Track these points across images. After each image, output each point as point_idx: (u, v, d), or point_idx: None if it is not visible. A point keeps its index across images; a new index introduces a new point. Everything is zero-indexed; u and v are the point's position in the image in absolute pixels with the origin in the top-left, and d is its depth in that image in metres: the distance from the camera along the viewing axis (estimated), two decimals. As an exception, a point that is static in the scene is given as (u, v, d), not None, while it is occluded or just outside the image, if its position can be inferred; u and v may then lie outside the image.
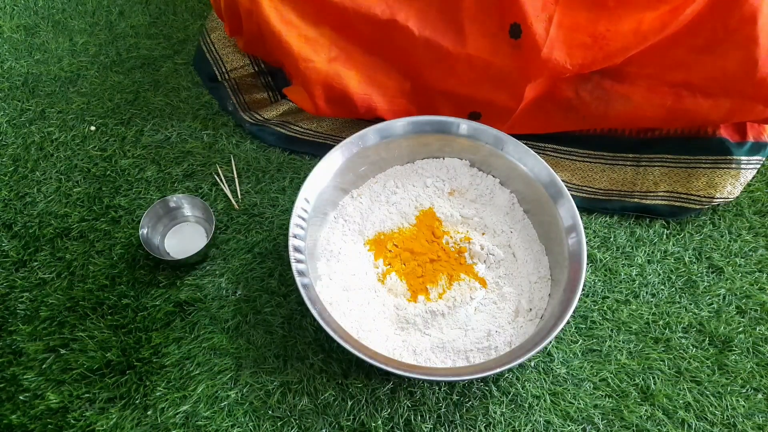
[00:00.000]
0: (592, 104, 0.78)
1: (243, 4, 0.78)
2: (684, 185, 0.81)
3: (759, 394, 0.69)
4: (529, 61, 0.72)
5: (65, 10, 1.05)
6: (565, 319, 0.62)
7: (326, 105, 0.81)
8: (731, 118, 0.77)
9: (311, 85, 0.79)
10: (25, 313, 0.73)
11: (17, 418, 0.66)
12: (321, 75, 0.78)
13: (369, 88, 0.80)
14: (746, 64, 0.69)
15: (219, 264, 0.77)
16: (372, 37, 0.77)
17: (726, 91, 0.73)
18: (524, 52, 0.72)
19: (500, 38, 0.73)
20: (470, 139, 0.76)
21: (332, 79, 0.78)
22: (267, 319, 0.73)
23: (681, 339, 0.73)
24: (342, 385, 0.69)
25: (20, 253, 0.78)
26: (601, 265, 0.78)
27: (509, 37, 0.72)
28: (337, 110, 0.83)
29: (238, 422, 0.66)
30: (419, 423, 0.66)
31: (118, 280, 0.76)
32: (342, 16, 0.75)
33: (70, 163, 0.86)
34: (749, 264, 0.79)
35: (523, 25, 0.70)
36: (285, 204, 0.82)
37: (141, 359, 0.70)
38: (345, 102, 0.80)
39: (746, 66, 0.69)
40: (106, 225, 0.80)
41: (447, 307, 0.72)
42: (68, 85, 0.95)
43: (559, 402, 0.68)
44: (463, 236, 0.77)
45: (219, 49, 0.94)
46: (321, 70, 0.78)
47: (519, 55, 0.73)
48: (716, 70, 0.71)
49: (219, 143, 0.89)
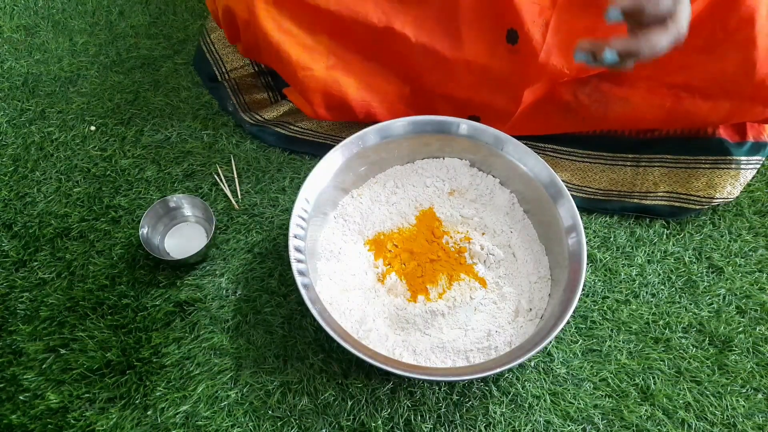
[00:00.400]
0: (591, 107, 0.78)
1: (240, 16, 0.78)
2: (684, 185, 0.81)
3: (759, 394, 0.69)
4: (527, 65, 0.72)
5: (65, 10, 1.05)
6: (565, 319, 0.62)
7: (326, 111, 0.82)
8: (731, 119, 0.77)
9: (310, 92, 0.80)
10: (25, 313, 0.73)
11: (17, 418, 0.66)
12: (320, 83, 0.78)
13: (368, 94, 0.80)
14: (745, 65, 0.69)
15: (219, 264, 0.77)
16: (369, 44, 0.77)
17: (725, 92, 0.73)
18: (522, 57, 0.72)
19: (497, 43, 0.73)
20: (470, 139, 0.76)
21: (331, 86, 0.78)
22: (267, 319, 0.73)
23: (681, 339, 0.73)
24: (342, 385, 0.69)
25: (20, 253, 0.78)
26: (601, 265, 0.78)
27: (506, 43, 0.72)
28: (337, 116, 0.83)
29: (238, 422, 0.66)
30: (419, 423, 0.66)
31: (118, 280, 0.76)
32: (339, 24, 0.75)
33: (70, 163, 0.86)
34: (749, 264, 0.79)
35: (519, 31, 0.70)
36: (285, 204, 0.82)
37: (141, 359, 0.70)
38: (344, 108, 0.81)
39: (745, 67, 0.69)
40: (106, 225, 0.80)
41: (447, 307, 0.72)
42: (68, 85, 0.95)
43: (559, 402, 0.68)
44: (463, 236, 0.77)
45: (219, 49, 0.94)
46: (319, 78, 0.78)
47: (516, 59, 0.73)
48: (715, 71, 0.71)
49: (219, 143, 0.89)
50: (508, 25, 0.71)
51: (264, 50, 0.79)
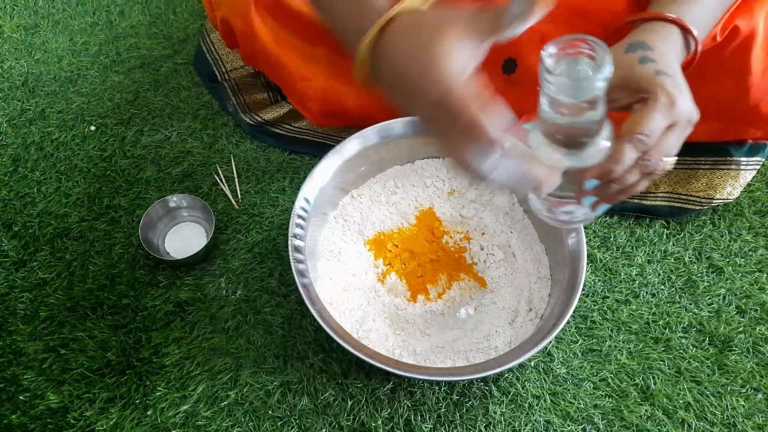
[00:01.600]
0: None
1: (237, 27, 0.78)
2: (684, 186, 0.81)
3: (759, 394, 0.69)
4: (524, 95, 0.72)
5: (65, 10, 1.05)
6: (565, 319, 0.62)
7: (324, 119, 0.82)
8: (721, 137, 0.78)
9: (310, 102, 0.80)
10: (25, 313, 0.73)
11: (17, 418, 0.66)
12: (318, 92, 0.78)
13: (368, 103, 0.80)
14: (739, 90, 0.69)
15: (219, 264, 0.77)
16: None
17: (718, 114, 0.73)
18: (518, 86, 0.71)
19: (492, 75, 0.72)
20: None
21: (330, 96, 0.79)
22: (267, 319, 0.73)
23: (681, 339, 0.73)
24: (342, 385, 0.69)
25: (20, 253, 0.78)
26: (601, 265, 0.78)
27: (502, 73, 0.72)
28: (337, 123, 0.84)
29: (238, 422, 0.66)
30: (419, 423, 0.66)
31: (118, 280, 0.76)
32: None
33: (69, 163, 0.86)
34: (749, 264, 0.79)
35: (518, 60, 0.69)
36: (285, 204, 0.82)
37: (141, 359, 0.70)
38: (344, 116, 0.81)
39: (738, 93, 0.69)
40: (105, 225, 0.80)
41: (447, 307, 0.72)
42: (68, 85, 0.95)
43: (559, 402, 0.68)
44: (463, 236, 0.77)
45: (219, 49, 0.94)
46: (318, 87, 0.78)
47: (512, 90, 0.72)
48: (709, 96, 0.71)
49: (219, 143, 0.89)
50: (506, 55, 0.70)
51: (262, 60, 0.79)
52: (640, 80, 0.50)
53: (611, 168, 0.47)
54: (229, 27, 0.80)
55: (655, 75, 0.50)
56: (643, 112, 0.49)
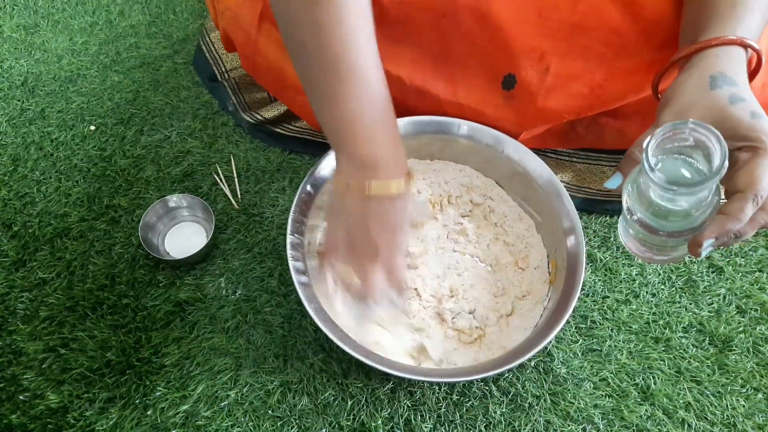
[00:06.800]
0: (587, 137, 0.80)
1: (237, 40, 0.78)
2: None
3: (759, 394, 0.69)
4: (523, 110, 0.71)
5: (65, 10, 1.05)
6: (565, 319, 0.62)
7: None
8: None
9: (309, 117, 0.81)
10: (25, 313, 0.73)
11: (17, 418, 0.66)
12: None
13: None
14: None
15: (219, 264, 0.77)
16: None
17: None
18: (518, 102, 0.71)
19: (492, 90, 0.71)
20: (470, 140, 0.76)
21: None
22: (267, 319, 0.73)
23: (681, 339, 0.73)
24: (342, 385, 0.69)
25: (20, 253, 0.78)
26: (601, 265, 0.78)
27: (501, 89, 0.71)
28: None
29: (238, 422, 0.66)
30: (419, 423, 0.66)
31: (117, 280, 0.76)
32: None
33: (69, 163, 0.86)
34: (749, 264, 0.79)
35: (518, 76, 0.69)
36: (285, 204, 0.82)
37: (141, 359, 0.70)
38: None
39: None
40: (105, 225, 0.80)
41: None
42: (68, 85, 0.95)
43: (559, 402, 0.68)
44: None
45: (219, 48, 0.94)
46: None
47: (512, 106, 0.72)
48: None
49: (219, 143, 0.89)
50: (506, 70, 0.70)
51: (263, 72, 0.79)
52: (738, 127, 0.47)
53: (732, 228, 0.46)
54: (229, 39, 0.80)
55: (752, 119, 0.47)
56: (756, 166, 0.46)
